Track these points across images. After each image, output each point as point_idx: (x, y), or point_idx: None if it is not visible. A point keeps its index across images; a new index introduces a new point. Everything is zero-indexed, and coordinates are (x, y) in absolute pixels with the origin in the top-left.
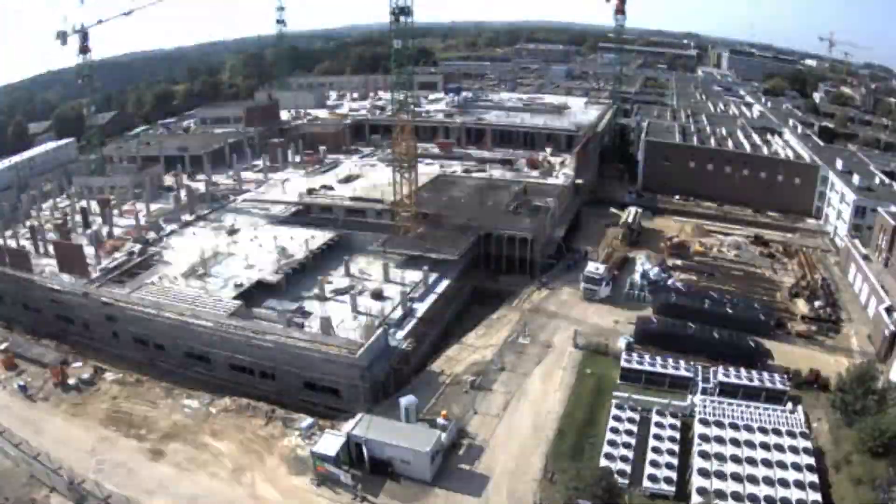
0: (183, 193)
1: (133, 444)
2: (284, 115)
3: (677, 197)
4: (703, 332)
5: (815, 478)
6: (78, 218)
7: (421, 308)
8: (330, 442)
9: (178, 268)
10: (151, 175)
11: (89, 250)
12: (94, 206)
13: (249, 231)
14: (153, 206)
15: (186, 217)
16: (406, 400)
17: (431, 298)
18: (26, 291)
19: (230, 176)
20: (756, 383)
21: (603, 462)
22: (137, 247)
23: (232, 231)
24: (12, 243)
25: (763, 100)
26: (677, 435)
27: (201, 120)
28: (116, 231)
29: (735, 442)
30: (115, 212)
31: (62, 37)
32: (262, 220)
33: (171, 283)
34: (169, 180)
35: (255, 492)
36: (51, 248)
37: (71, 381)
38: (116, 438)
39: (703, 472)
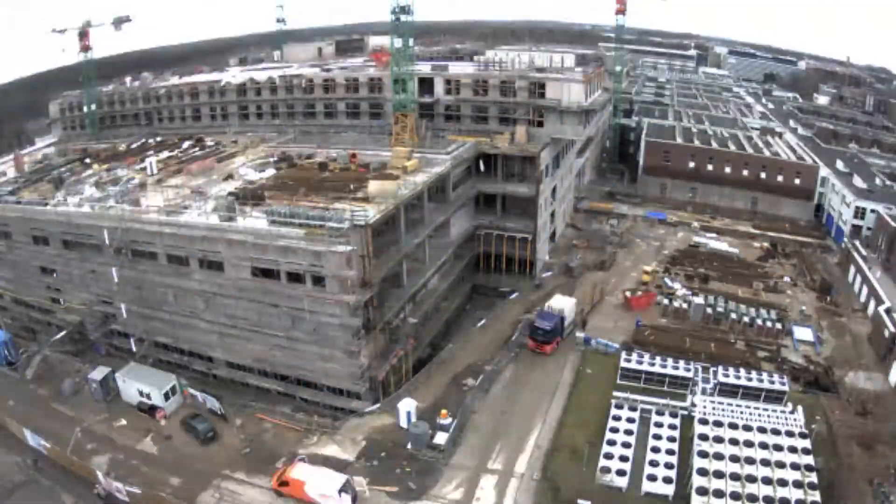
0: None
1: None
2: None
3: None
4: None
5: (814, 478)
6: None
7: None
8: None
9: None
10: None
11: None
12: None
13: None
14: None
15: None
16: (405, 400)
17: None
18: None
19: None
20: (755, 383)
21: (602, 462)
22: None
23: None
24: None
25: (763, 100)
26: (677, 435)
27: None
28: None
29: (734, 442)
30: None
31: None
32: None
33: None
34: None
35: None
36: None
37: None
38: None
39: (703, 472)
